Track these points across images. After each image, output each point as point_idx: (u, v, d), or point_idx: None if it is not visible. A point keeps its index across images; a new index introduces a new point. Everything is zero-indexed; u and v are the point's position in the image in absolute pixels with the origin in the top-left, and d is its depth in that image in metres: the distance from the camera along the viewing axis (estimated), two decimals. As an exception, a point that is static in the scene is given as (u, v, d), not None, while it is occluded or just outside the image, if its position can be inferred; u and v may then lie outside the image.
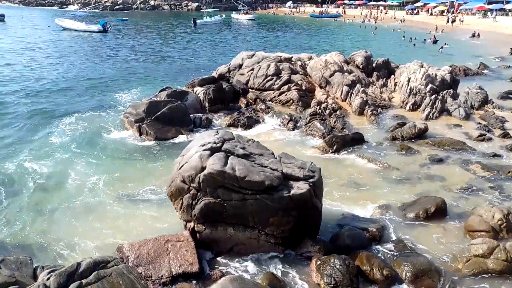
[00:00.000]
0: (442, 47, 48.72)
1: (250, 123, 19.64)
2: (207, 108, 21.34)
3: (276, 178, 9.88)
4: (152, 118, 18.44)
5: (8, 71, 27.63)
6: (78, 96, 22.86)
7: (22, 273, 7.97)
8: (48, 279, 7.19)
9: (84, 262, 7.65)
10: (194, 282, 8.98)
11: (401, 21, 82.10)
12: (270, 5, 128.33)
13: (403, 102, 22.88)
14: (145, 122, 18.20)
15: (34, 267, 8.48)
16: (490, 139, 18.68)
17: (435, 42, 53.78)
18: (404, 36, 58.04)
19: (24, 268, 8.23)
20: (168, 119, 18.66)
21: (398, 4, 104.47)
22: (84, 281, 7.25)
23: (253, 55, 25.77)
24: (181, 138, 17.72)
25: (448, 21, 76.15)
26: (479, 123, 20.72)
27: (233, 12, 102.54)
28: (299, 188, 9.93)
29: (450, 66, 29.32)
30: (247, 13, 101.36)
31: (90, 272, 7.48)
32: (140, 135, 17.79)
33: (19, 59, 32.01)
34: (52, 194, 12.70)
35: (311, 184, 10.10)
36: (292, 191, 9.83)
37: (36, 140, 16.79)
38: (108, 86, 25.36)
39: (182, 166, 10.31)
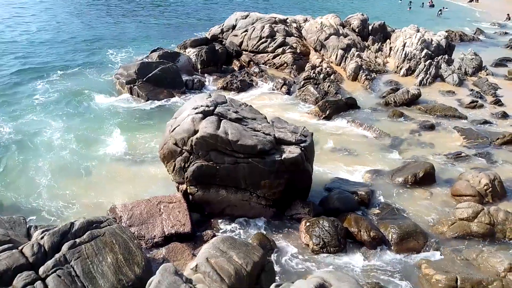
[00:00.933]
0: (440, 11, 47.92)
1: (243, 87, 19.44)
2: (199, 70, 21.00)
3: (268, 142, 9.92)
4: (144, 79, 18.14)
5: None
6: (67, 55, 22.21)
7: (16, 232, 8.07)
8: (42, 238, 7.29)
9: (77, 222, 7.74)
10: (187, 242, 9.18)
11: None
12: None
13: (397, 67, 22.72)
14: (137, 83, 17.92)
15: (27, 226, 8.58)
16: (481, 106, 18.81)
17: (432, 6, 52.75)
18: (401, 0, 56.71)
19: (17, 227, 8.33)
20: (160, 80, 18.37)
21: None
22: (77, 240, 7.37)
23: (248, 15, 25.11)
24: (173, 100, 17.54)
25: None
26: (472, 90, 20.76)
27: None
28: (291, 152, 10.00)
29: (446, 31, 28.97)
30: None
31: (84, 232, 7.58)
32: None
33: (4, 16, 30.89)
34: (42, 154, 12.63)
35: (302, 148, 10.17)
36: (284, 155, 9.90)
37: (23, 98, 16.41)
38: (98, 46, 24.63)
39: (175, 129, 10.27)
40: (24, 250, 6.97)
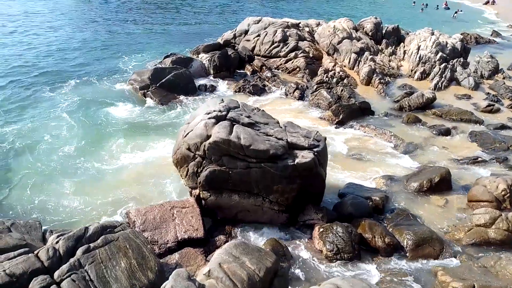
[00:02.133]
0: (456, 13, 47.52)
1: (256, 91, 19.46)
2: (212, 75, 21.14)
3: (280, 147, 9.88)
4: (157, 85, 18.33)
5: (6, 36, 27.16)
6: (80, 62, 22.52)
7: (32, 237, 8.19)
8: (57, 242, 7.39)
9: (92, 227, 7.83)
10: (199, 247, 9.18)
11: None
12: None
13: (411, 70, 22.48)
14: (150, 89, 18.11)
15: (43, 230, 8.70)
16: (498, 110, 18.45)
17: (447, 8, 52.23)
18: (414, 2, 56.21)
19: (33, 232, 8.45)
20: (173, 86, 18.55)
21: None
22: (92, 244, 7.45)
23: (260, 20, 25.19)
24: (186, 105, 17.65)
25: None
26: (488, 93, 20.40)
27: None
28: (304, 157, 9.94)
29: (461, 34, 28.60)
30: None
31: (98, 236, 7.66)
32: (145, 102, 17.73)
33: (17, 24, 31.55)
34: (58, 160, 12.80)
35: (315, 153, 10.11)
36: (297, 160, 9.85)
37: (40, 104, 16.70)
38: (111, 52, 24.99)
39: (188, 134, 10.32)
40: (40, 254, 7.07)
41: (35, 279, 6.61)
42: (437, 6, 53.53)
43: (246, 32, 24.76)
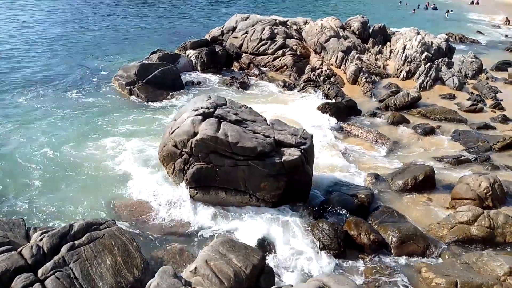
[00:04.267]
0: (447, 12, 48.44)
1: (243, 88, 19.43)
2: (199, 71, 21.03)
3: (268, 144, 9.91)
4: (144, 81, 18.14)
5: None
6: (65, 59, 22.16)
7: (15, 234, 8.03)
8: (41, 239, 7.27)
9: (76, 224, 7.72)
10: (186, 243, 9.15)
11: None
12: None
13: (397, 69, 22.73)
14: (136, 85, 17.91)
15: (26, 228, 8.54)
16: (481, 109, 18.79)
17: (435, 8, 53.01)
18: (400, 2, 56.77)
19: (16, 229, 8.28)
20: (159, 82, 18.38)
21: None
22: (76, 242, 7.34)
23: (248, 17, 25.13)
24: (173, 101, 17.55)
25: None
26: (472, 93, 20.76)
27: None
28: (291, 154, 9.99)
29: (446, 34, 29.02)
30: None
31: (83, 234, 7.56)
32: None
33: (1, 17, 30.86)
34: (41, 158, 12.59)
35: (302, 151, 10.17)
36: (284, 158, 9.89)
37: (22, 103, 16.36)
38: (97, 48, 24.66)
39: (174, 130, 10.27)
40: (23, 252, 6.95)
41: (19, 277, 6.49)
42: (426, 6, 54.21)
43: (233, 29, 24.67)
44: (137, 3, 42.90)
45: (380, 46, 25.15)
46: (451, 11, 49.84)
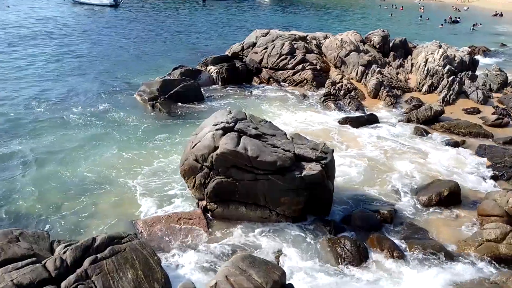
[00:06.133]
0: (475, 25, 47.73)
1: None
2: (220, 86, 21.28)
3: (288, 158, 9.87)
4: (166, 96, 18.47)
5: (15, 49, 27.43)
6: (89, 75, 22.78)
7: (40, 247, 8.19)
8: (64, 252, 7.41)
9: (99, 237, 7.83)
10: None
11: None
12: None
13: (419, 83, 22.41)
14: (159, 100, 18.22)
15: (50, 241, 8.70)
16: (507, 123, 18.27)
17: (455, 21, 52.42)
18: (421, 17, 56.31)
19: (41, 242, 8.45)
20: (181, 97, 18.68)
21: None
22: (99, 255, 7.45)
23: (267, 33, 25.38)
24: (194, 116, 17.74)
25: None
26: (497, 107, 20.23)
27: None
28: (311, 169, 9.92)
29: (469, 47, 28.55)
30: None
31: (105, 247, 7.66)
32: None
33: (27, 33, 31.97)
34: (67, 171, 12.87)
35: (323, 165, 10.08)
36: (304, 172, 9.83)
37: (49, 118, 16.85)
38: (120, 64, 25.30)
39: (195, 145, 10.37)
40: (47, 265, 7.08)
41: (42, 289, 6.60)
42: (450, 20, 53.46)
43: (254, 44, 24.95)
44: (156, 19, 44.06)
45: (401, 59, 24.92)
46: (480, 24, 49.04)
